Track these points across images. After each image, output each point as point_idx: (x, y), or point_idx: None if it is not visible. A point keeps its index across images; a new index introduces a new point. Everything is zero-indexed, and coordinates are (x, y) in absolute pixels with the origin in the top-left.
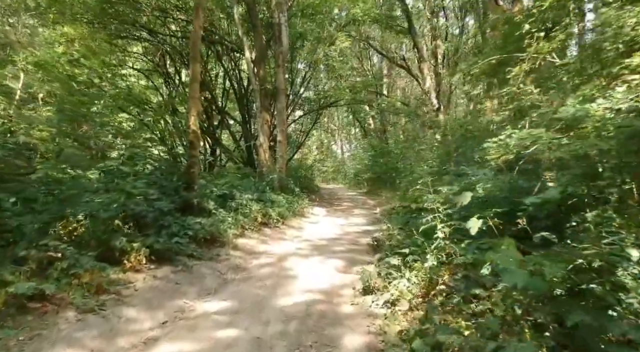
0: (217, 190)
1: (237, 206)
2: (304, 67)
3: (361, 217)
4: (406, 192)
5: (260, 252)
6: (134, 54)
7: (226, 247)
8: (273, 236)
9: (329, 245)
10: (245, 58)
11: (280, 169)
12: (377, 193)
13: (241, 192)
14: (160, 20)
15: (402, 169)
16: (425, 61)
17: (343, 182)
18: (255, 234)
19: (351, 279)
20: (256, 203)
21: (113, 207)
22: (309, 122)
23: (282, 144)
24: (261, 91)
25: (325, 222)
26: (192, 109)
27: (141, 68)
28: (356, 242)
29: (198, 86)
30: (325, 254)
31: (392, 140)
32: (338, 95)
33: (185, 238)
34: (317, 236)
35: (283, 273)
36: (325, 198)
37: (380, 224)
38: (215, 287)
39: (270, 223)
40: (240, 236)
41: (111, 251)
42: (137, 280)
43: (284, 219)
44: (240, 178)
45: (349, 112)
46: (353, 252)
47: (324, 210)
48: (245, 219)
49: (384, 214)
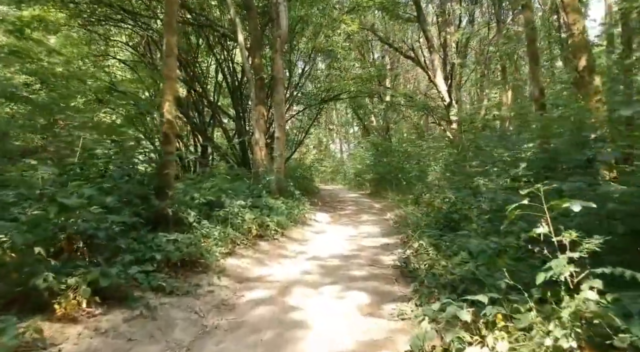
0: (201, 196)
1: (227, 216)
2: (304, 56)
3: (372, 224)
4: (420, 196)
5: (255, 278)
6: (117, 43)
7: (210, 273)
8: (271, 253)
9: (342, 266)
10: (239, 43)
11: (278, 170)
12: (381, 195)
13: (232, 198)
14: (144, 3)
15: (409, 169)
16: (436, 52)
17: (343, 182)
18: (249, 251)
19: (386, 330)
20: (250, 211)
21: (41, 227)
22: (308, 118)
23: (280, 141)
24: (256, 81)
25: (332, 232)
26: (167, 92)
27: (126, 59)
28: (376, 261)
29: (174, 63)
30: (341, 281)
31: (395, 139)
32: (342, 87)
33: (150, 264)
34: (326, 251)
35: (287, 317)
36: (326, 201)
37: (397, 235)
38: (188, 345)
39: (267, 235)
40: (230, 254)
41: (37, 292)
42: (68, 337)
43: (283, 229)
44: (231, 180)
45: (350, 107)
46: (377, 278)
47: (328, 216)
48: (237, 233)
49: (398, 222)
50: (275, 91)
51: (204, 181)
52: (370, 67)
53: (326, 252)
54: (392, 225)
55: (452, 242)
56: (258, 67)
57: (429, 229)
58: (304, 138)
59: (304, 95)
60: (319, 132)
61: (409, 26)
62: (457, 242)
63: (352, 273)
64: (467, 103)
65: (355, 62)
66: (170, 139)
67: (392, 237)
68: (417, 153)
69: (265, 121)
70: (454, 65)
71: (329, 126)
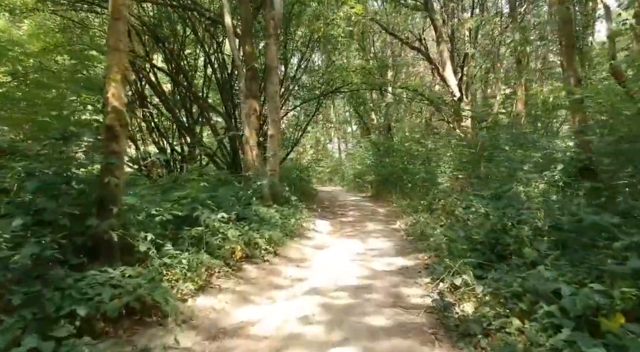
0: (165, 211)
1: (201, 235)
2: (301, 46)
3: (380, 235)
4: (433, 202)
5: (233, 329)
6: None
7: (169, 324)
8: (260, 282)
9: (354, 307)
10: (226, 26)
11: (272, 172)
12: (384, 198)
13: (212, 210)
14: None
15: (414, 171)
16: (444, 42)
17: (341, 183)
18: (230, 282)
19: None
20: (235, 225)
21: None
22: (306, 115)
23: (274, 139)
24: (247, 72)
25: (335, 248)
26: (113, 69)
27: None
28: (399, 297)
29: (124, 28)
30: (356, 338)
31: (397, 138)
32: (343, 78)
33: (69, 323)
34: (330, 278)
35: None
36: (325, 205)
37: (416, 254)
38: None
39: (256, 256)
40: (203, 289)
41: None
42: None
43: (277, 245)
44: (214, 186)
45: (349, 104)
46: (406, 332)
47: (328, 224)
48: (213, 259)
49: (411, 233)
50: (268, 82)
51: (172, 190)
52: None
53: (330, 280)
54: (404, 238)
55: (512, 280)
56: (249, 55)
57: (463, 250)
58: (301, 136)
59: (301, 88)
60: (316, 131)
61: (414, 15)
62: (518, 280)
63: (370, 321)
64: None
65: (357, 53)
66: (116, 134)
67: (410, 257)
68: (423, 153)
69: (257, 117)
70: (465, 56)
71: (327, 124)
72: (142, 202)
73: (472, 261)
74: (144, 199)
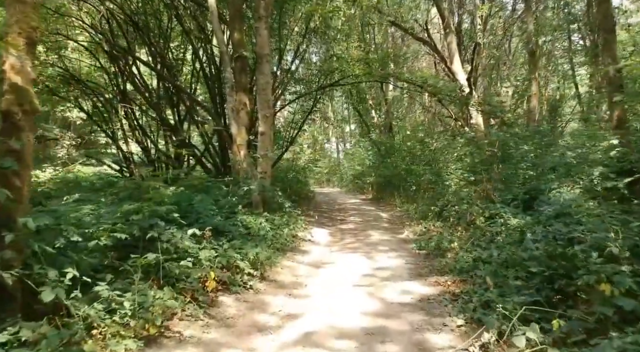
0: (101, 233)
1: (159, 261)
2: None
3: (388, 248)
4: (445, 208)
5: None
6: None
7: None
8: (238, 324)
9: None
10: (210, 6)
11: (262, 175)
12: (386, 201)
13: (180, 225)
14: None
15: (418, 172)
16: (453, 33)
17: (340, 185)
18: (197, 325)
19: None
20: (211, 244)
21: None
22: (303, 111)
23: (265, 137)
24: (236, 62)
25: (335, 266)
26: (13, 28)
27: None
28: None
29: None
30: None
31: (399, 137)
32: (344, 68)
33: None
34: (330, 315)
35: None
36: (323, 210)
37: (434, 275)
38: None
39: (236, 282)
40: (155, 341)
41: None
42: None
43: (265, 265)
44: (187, 195)
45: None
46: None
47: (327, 232)
48: (173, 298)
49: (425, 247)
50: (258, 72)
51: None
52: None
53: (331, 318)
54: (416, 252)
55: None
56: (238, 43)
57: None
58: (297, 135)
59: (297, 82)
60: (313, 130)
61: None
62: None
63: None
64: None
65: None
66: (16, 125)
67: (428, 281)
68: (428, 153)
69: (247, 112)
70: (476, 46)
71: (325, 123)
72: (63, 221)
73: (525, 299)
74: (67, 217)
